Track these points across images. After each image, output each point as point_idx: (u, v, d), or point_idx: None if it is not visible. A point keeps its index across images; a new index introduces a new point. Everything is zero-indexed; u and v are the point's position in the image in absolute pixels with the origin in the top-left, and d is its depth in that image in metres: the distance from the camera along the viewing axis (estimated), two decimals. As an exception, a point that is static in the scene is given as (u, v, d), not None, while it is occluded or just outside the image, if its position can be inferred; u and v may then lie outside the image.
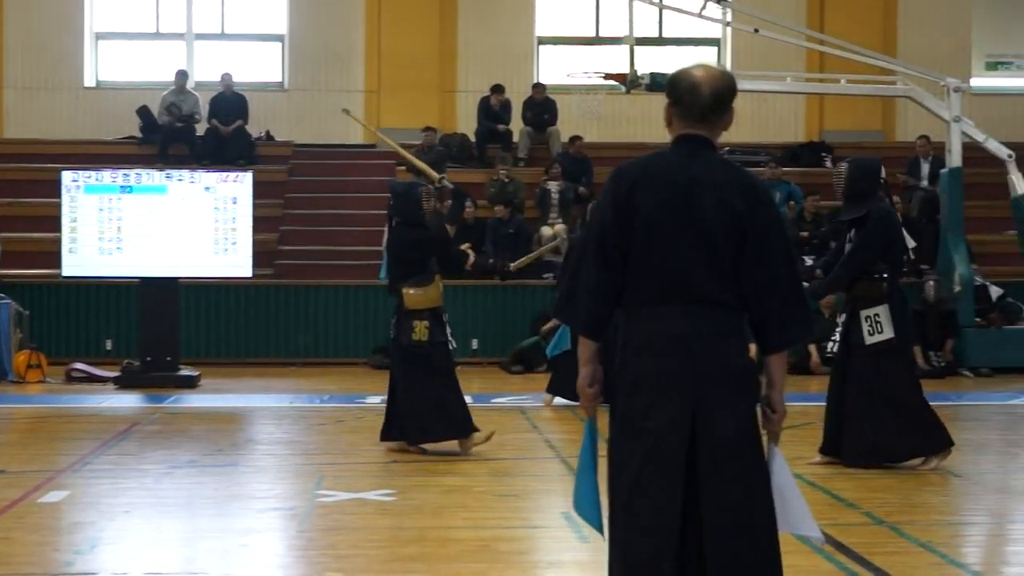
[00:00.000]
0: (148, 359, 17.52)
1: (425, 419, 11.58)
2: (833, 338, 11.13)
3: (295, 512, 9.35)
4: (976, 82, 25.28)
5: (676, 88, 5.33)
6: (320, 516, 9.21)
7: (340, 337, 20.85)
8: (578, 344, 5.43)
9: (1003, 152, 20.22)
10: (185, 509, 9.52)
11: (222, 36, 26.39)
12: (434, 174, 12.53)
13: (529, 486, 10.54)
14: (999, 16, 26.87)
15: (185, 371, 17.76)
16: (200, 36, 26.16)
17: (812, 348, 19.53)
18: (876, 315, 10.81)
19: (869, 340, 10.80)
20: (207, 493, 10.13)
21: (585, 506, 5.52)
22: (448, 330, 11.90)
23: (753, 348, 5.34)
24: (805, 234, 21.55)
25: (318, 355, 20.78)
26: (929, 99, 20.15)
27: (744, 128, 26.19)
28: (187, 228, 17.58)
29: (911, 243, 13.65)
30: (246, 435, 14.05)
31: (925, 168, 23.29)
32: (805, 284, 11.59)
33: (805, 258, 20.87)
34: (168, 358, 17.61)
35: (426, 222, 11.89)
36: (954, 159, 19.50)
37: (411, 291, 11.61)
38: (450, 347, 11.97)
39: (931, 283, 19.77)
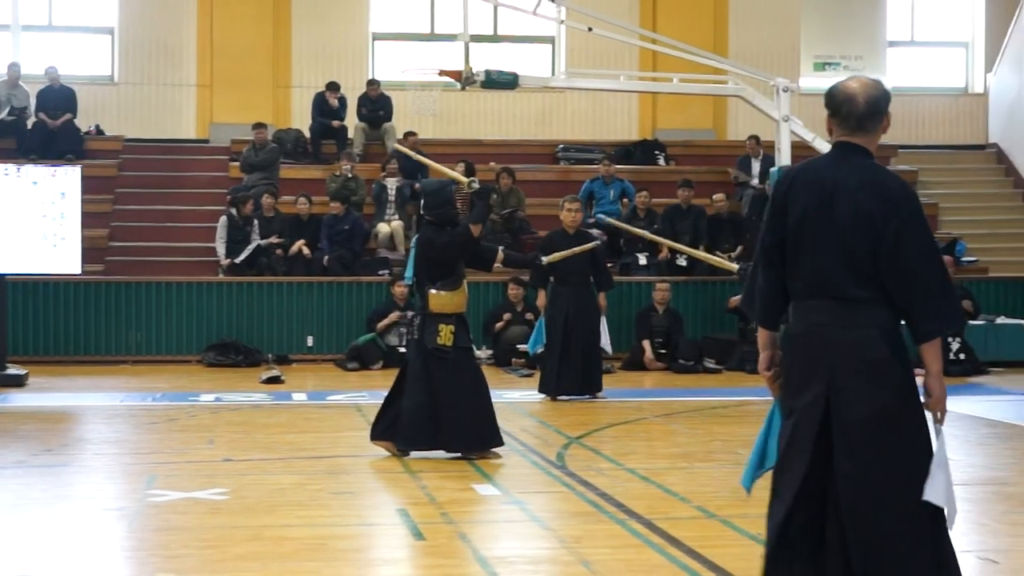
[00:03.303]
0: (-27, 357, 17.19)
1: (453, 426, 11.30)
2: None
3: (125, 512, 9.20)
4: (805, 82, 25.75)
5: (833, 100, 5.94)
6: (151, 516, 9.07)
7: (172, 334, 20.62)
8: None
9: (830, 151, 20.54)
10: (13, 510, 9.33)
11: (50, 28, 25.91)
12: (463, 179, 12.42)
13: (364, 483, 10.50)
14: (827, 18, 27.44)
15: (12, 370, 17.43)
16: (27, 27, 25.66)
17: (645, 344, 19.72)
18: None
19: None
20: (35, 494, 9.93)
21: (748, 465, 6.18)
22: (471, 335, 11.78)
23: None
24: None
25: (149, 352, 20.53)
26: (759, 98, 20.44)
27: (578, 126, 26.50)
28: (13, 223, 17.26)
29: None
30: (76, 434, 13.83)
31: (756, 166, 23.68)
32: None
33: (639, 255, 21.11)
34: (-6, 356, 17.29)
35: (459, 221, 11.73)
36: (783, 158, 19.77)
37: (437, 293, 11.45)
38: (473, 351, 11.88)
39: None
